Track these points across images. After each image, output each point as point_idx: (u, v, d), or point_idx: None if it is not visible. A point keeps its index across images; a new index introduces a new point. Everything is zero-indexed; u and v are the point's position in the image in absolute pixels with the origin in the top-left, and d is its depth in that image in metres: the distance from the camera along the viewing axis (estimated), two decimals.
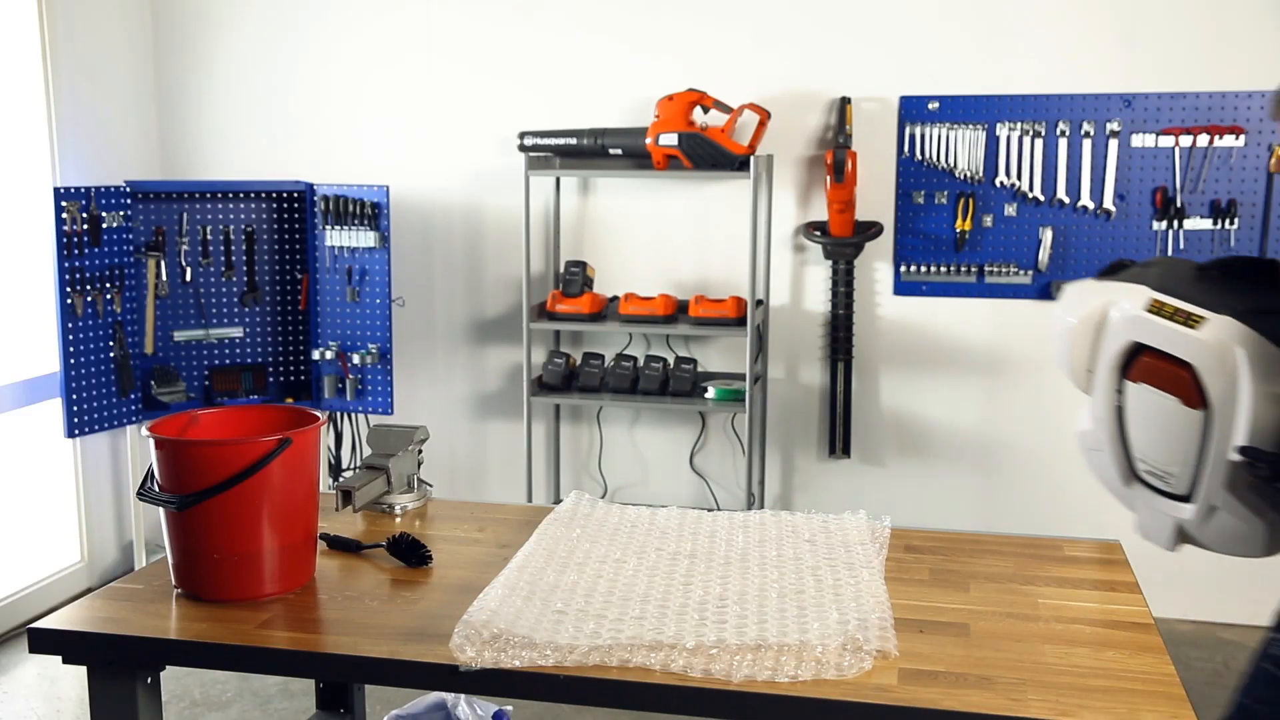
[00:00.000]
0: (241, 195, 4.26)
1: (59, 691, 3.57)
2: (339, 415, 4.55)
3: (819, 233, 4.07)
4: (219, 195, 4.23)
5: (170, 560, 1.86)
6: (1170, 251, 3.94)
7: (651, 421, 4.45)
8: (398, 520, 2.23)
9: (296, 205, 4.31)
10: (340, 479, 4.54)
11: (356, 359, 4.23)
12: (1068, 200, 3.96)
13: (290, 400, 4.30)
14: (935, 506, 4.19)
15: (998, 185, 4.01)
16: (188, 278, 4.20)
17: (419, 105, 4.47)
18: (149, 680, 1.76)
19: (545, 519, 2.15)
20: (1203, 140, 3.86)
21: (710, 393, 4.06)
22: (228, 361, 4.30)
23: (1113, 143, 3.92)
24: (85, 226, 3.86)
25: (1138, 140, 3.90)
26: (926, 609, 1.79)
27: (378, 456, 2.26)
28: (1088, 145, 3.94)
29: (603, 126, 4.08)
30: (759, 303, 4.13)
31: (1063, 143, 3.94)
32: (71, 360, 3.85)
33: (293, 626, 1.75)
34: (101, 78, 4.37)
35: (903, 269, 4.13)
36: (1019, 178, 3.99)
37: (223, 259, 4.25)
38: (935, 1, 4.03)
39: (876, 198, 4.12)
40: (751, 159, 3.84)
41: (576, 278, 4.15)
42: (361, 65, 4.50)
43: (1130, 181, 3.93)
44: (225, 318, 4.28)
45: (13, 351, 4.02)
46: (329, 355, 4.25)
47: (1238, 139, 3.84)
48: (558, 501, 2.39)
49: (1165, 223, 3.92)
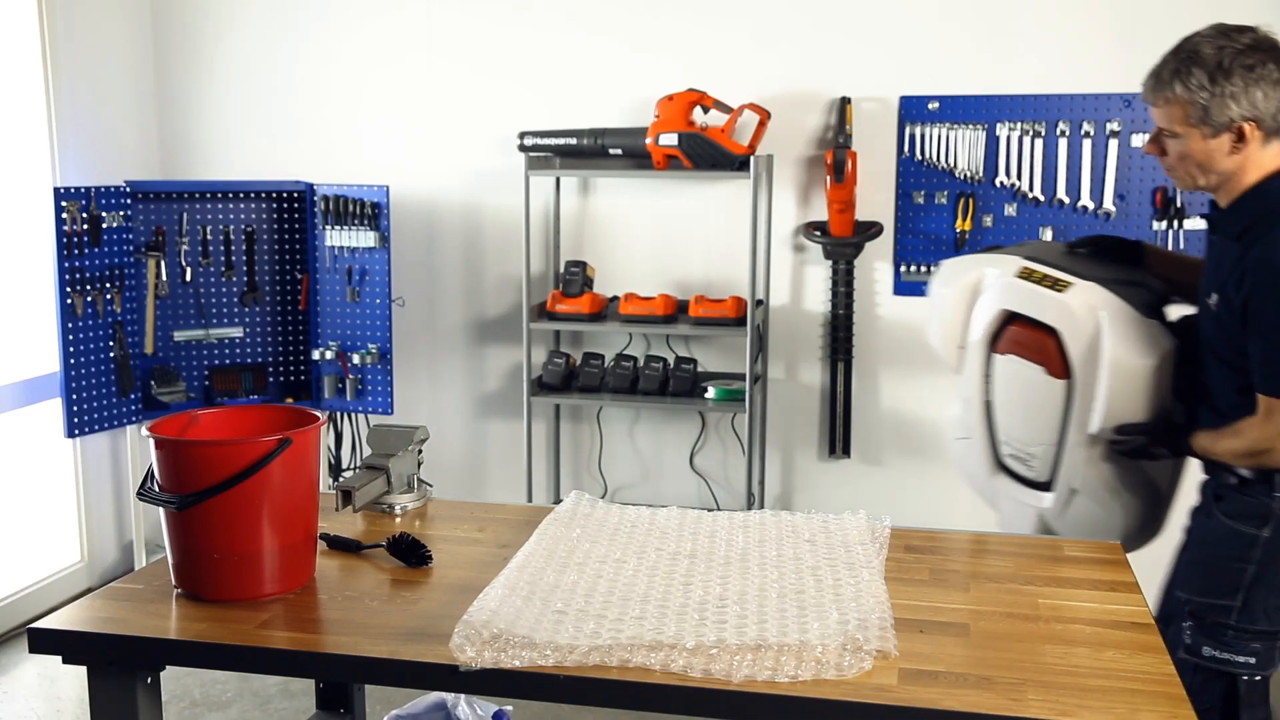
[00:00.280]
0: (241, 195, 4.26)
1: (59, 691, 3.57)
2: (339, 415, 4.55)
3: (819, 233, 4.07)
4: (219, 195, 4.23)
5: (170, 560, 1.86)
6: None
7: (651, 421, 4.45)
8: (398, 520, 2.23)
9: (296, 205, 4.31)
10: (340, 479, 4.54)
11: (356, 359, 4.23)
12: (1068, 200, 3.96)
13: (290, 400, 4.30)
14: (935, 506, 4.19)
15: (998, 185, 4.01)
16: (188, 278, 4.20)
17: (419, 105, 4.47)
18: (149, 680, 1.76)
19: (545, 519, 2.15)
20: None
21: (710, 393, 4.06)
22: (228, 361, 4.30)
23: (1113, 143, 3.92)
24: (85, 226, 3.86)
25: (1138, 140, 3.90)
26: (926, 609, 1.79)
27: (378, 456, 2.26)
28: (1088, 145, 3.94)
29: (603, 126, 4.08)
30: (759, 303, 4.13)
31: (1063, 143, 3.94)
32: (71, 360, 3.85)
33: (293, 626, 1.75)
34: (101, 78, 4.37)
35: (903, 269, 4.13)
36: (1019, 178, 3.99)
37: (223, 259, 4.25)
38: (935, 1, 4.03)
39: (876, 198, 4.12)
40: (751, 159, 3.84)
41: (576, 278, 4.15)
42: (361, 65, 4.50)
43: (1130, 181, 3.93)
44: (225, 318, 4.28)
45: (13, 351, 4.02)
46: (329, 355, 4.25)
47: None
48: (558, 501, 2.39)
49: (1165, 223, 3.92)
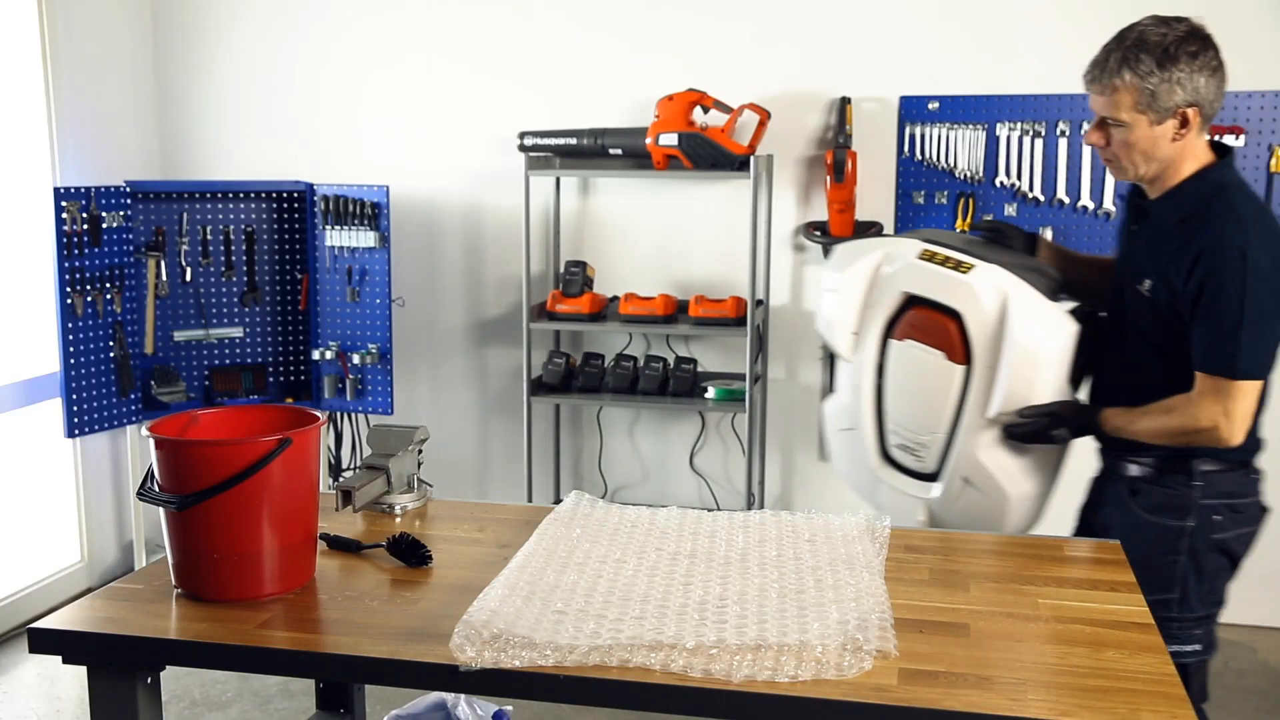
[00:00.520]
0: (241, 195, 4.26)
1: (59, 691, 3.57)
2: (339, 415, 4.55)
3: (819, 233, 4.07)
4: (219, 195, 4.23)
5: (170, 560, 1.86)
6: None
7: (651, 421, 4.45)
8: (398, 520, 2.22)
9: (296, 205, 4.31)
10: (340, 479, 4.54)
11: (356, 359, 4.23)
12: (1068, 200, 3.96)
13: (290, 400, 4.30)
14: None
15: (998, 185, 4.01)
16: (188, 278, 4.20)
17: (419, 105, 4.47)
18: (149, 680, 1.76)
19: (545, 519, 2.15)
20: None
21: (710, 393, 4.06)
22: (228, 361, 4.30)
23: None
24: (85, 226, 3.86)
25: None
26: (926, 609, 1.78)
27: (378, 456, 2.26)
28: (1088, 145, 3.93)
29: (603, 126, 4.08)
30: (759, 303, 4.13)
31: (1063, 143, 3.94)
32: (71, 360, 3.85)
33: (293, 626, 1.75)
34: (101, 78, 4.37)
35: None
36: (1019, 178, 3.99)
37: (223, 259, 4.25)
38: (935, 1, 4.03)
39: (876, 198, 4.12)
40: (751, 159, 3.84)
41: (576, 278, 4.15)
42: (361, 65, 4.50)
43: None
44: (225, 318, 4.28)
45: (13, 351, 4.02)
46: (329, 355, 4.25)
47: (1238, 139, 3.84)
48: (558, 501, 2.39)
49: None
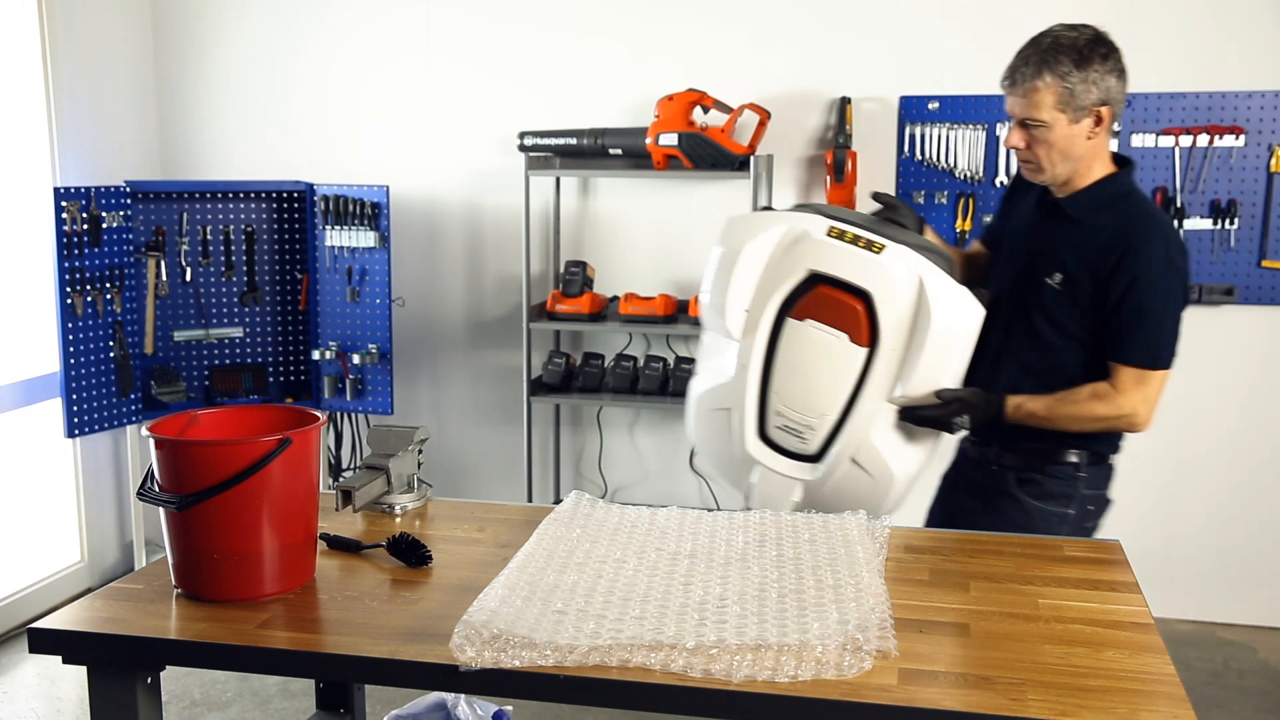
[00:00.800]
0: (241, 195, 4.26)
1: (59, 691, 3.57)
2: (339, 415, 4.55)
3: None
4: (219, 195, 4.23)
5: (170, 560, 1.86)
6: None
7: (651, 421, 4.45)
8: (398, 520, 2.22)
9: (296, 205, 4.31)
10: (340, 479, 4.54)
11: (356, 359, 4.23)
12: None
13: (290, 400, 4.30)
14: None
15: (998, 185, 4.01)
16: (188, 278, 4.20)
17: (419, 105, 4.47)
18: (149, 680, 1.76)
19: (545, 519, 2.15)
20: (1203, 140, 3.86)
21: None
22: (228, 361, 4.30)
23: (1113, 143, 3.91)
24: (85, 226, 3.86)
25: (1138, 140, 3.90)
26: (926, 609, 1.78)
27: (378, 456, 2.26)
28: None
29: (603, 126, 4.08)
30: None
31: None
32: (71, 360, 3.85)
33: (293, 626, 1.75)
34: (101, 78, 4.37)
35: None
36: None
37: (223, 259, 4.25)
38: (935, 1, 4.03)
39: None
40: (751, 159, 3.84)
41: (576, 278, 4.15)
42: (361, 65, 4.50)
43: None
44: (225, 318, 4.28)
45: (13, 351, 4.02)
46: (329, 355, 4.25)
47: (1238, 139, 3.84)
48: (558, 502, 2.39)
49: None
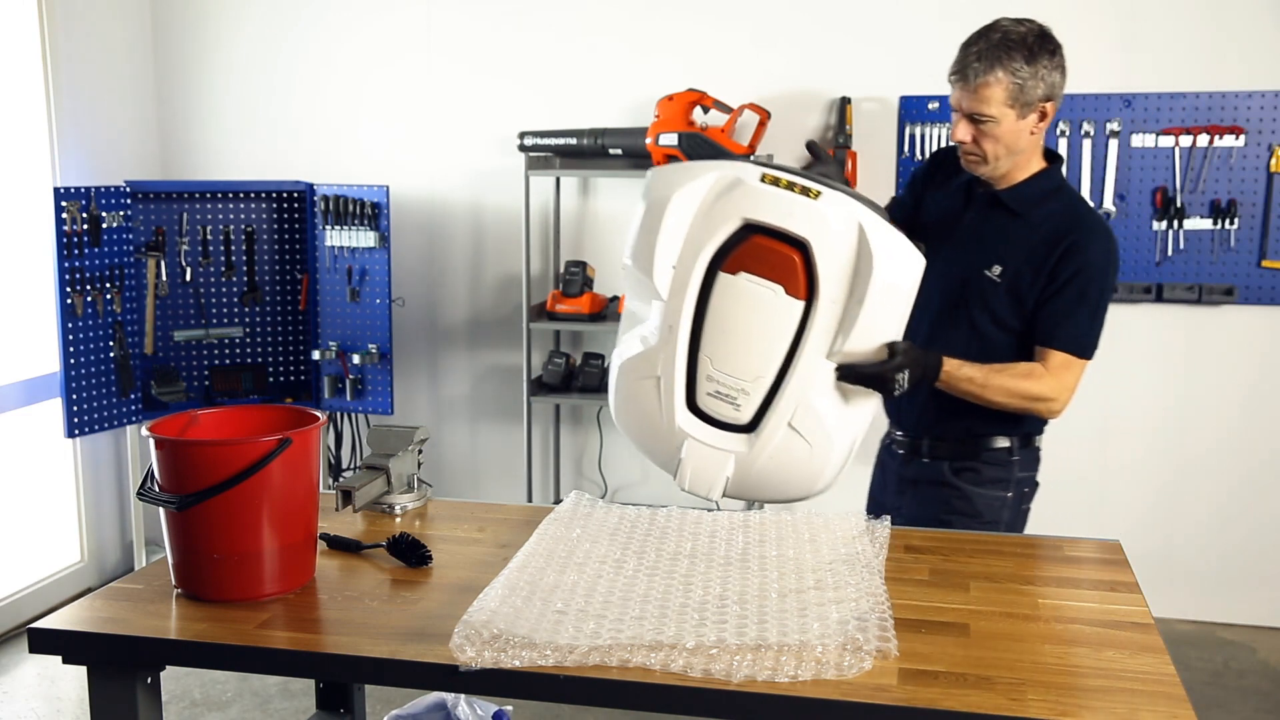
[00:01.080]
0: (241, 195, 4.26)
1: (59, 691, 3.57)
2: (339, 415, 4.55)
3: None
4: (219, 195, 4.23)
5: (170, 560, 1.86)
6: (1171, 254, 3.94)
7: None
8: (398, 520, 2.22)
9: (296, 205, 4.31)
10: (340, 479, 4.54)
11: (356, 359, 4.23)
12: None
13: (290, 400, 4.30)
14: None
15: None
16: (188, 278, 4.20)
17: (419, 105, 4.47)
18: (149, 680, 1.76)
19: (545, 519, 2.15)
20: (1203, 140, 3.86)
21: None
22: (228, 361, 4.30)
23: (1113, 143, 3.92)
24: (85, 226, 3.86)
25: (1138, 140, 3.90)
26: (926, 609, 1.78)
27: (378, 456, 2.26)
28: (1088, 145, 3.94)
29: (603, 126, 4.08)
30: None
31: (1063, 143, 3.94)
32: (71, 360, 3.85)
33: (293, 626, 1.75)
34: (101, 78, 4.37)
35: None
36: None
37: (223, 259, 4.25)
38: (935, 1, 4.03)
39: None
40: (751, 159, 3.84)
41: (576, 278, 4.15)
42: (361, 65, 4.50)
43: (1130, 181, 3.93)
44: (225, 318, 4.28)
45: (13, 351, 4.02)
46: (329, 355, 4.25)
47: (1238, 139, 3.84)
48: (558, 501, 2.39)
49: (1165, 223, 3.92)
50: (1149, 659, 1.62)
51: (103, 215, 3.92)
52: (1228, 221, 3.88)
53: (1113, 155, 3.93)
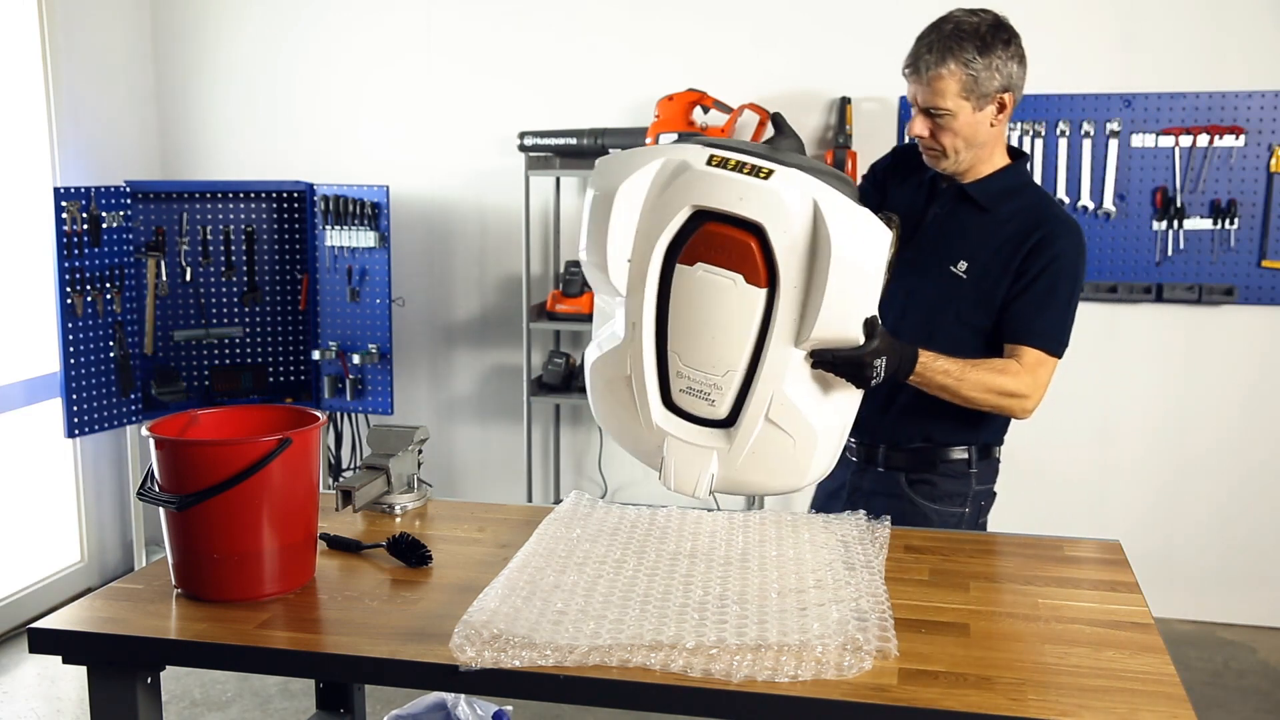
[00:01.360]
0: (241, 195, 4.26)
1: (59, 691, 3.57)
2: (339, 415, 4.55)
3: None
4: (219, 195, 4.23)
5: (170, 560, 1.86)
6: (1170, 255, 3.94)
7: None
8: (398, 520, 2.22)
9: (296, 205, 4.31)
10: (340, 479, 4.54)
11: (356, 359, 4.23)
12: (1068, 200, 3.96)
13: (290, 400, 4.30)
14: None
15: None
16: (188, 278, 4.20)
17: (419, 105, 4.47)
18: (149, 680, 1.76)
19: (545, 519, 2.15)
20: (1203, 140, 3.86)
21: None
22: (228, 361, 4.30)
23: (1113, 143, 3.92)
24: (85, 226, 3.86)
25: (1138, 140, 3.91)
26: (926, 609, 1.78)
27: (378, 456, 2.25)
28: (1088, 145, 3.94)
29: (603, 126, 4.08)
30: None
31: (1063, 143, 3.94)
32: (71, 360, 3.85)
33: (293, 626, 1.75)
34: (101, 78, 4.37)
35: None
36: None
37: (223, 259, 4.25)
38: (935, 1, 4.02)
39: None
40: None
41: (576, 278, 4.16)
42: (361, 65, 4.50)
43: (1130, 181, 3.93)
44: (225, 318, 4.28)
45: (13, 351, 4.02)
46: (329, 355, 4.25)
47: (1238, 139, 3.84)
48: (558, 501, 2.39)
49: (1165, 223, 3.92)
50: (1149, 659, 1.62)
51: (103, 215, 3.92)
52: (1228, 221, 3.88)
53: (1113, 155, 3.93)
